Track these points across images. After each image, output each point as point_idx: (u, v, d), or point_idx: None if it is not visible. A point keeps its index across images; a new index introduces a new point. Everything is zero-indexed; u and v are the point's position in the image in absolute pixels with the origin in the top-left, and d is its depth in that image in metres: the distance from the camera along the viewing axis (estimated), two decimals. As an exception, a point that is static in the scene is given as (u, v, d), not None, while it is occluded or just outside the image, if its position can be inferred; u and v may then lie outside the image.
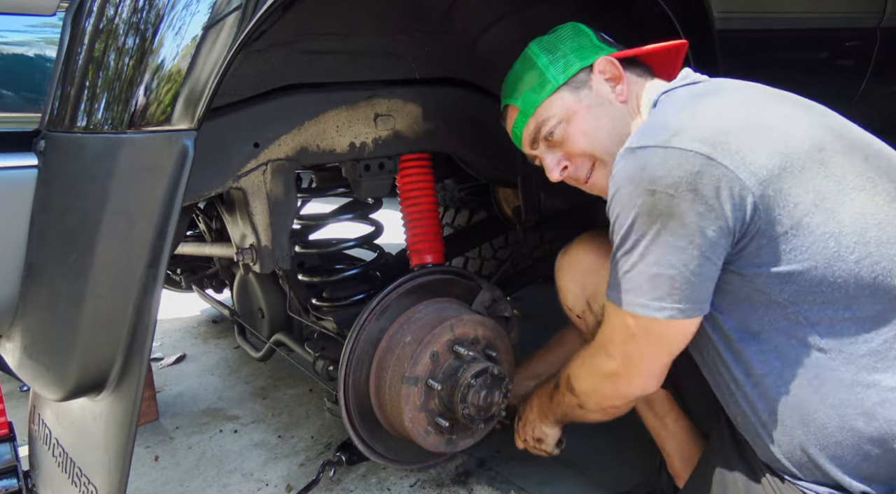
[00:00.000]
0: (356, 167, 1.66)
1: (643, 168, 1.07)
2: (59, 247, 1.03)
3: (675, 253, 1.07)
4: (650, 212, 1.07)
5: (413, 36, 1.63)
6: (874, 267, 1.06)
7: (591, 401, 1.36)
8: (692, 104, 1.16)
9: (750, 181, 1.04)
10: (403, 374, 1.59)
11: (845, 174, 1.08)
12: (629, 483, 1.84)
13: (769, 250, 1.07)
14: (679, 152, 1.04)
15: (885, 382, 1.06)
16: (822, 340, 1.08)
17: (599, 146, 1.30)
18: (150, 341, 1.08)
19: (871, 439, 1.07)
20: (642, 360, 1.21)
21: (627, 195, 1.09)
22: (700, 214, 1.04)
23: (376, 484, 1.94)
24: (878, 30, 2.14)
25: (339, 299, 1.95)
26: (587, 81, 1.31)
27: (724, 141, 1.05)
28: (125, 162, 1.00)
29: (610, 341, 1.24)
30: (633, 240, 1.11)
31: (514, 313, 1.89)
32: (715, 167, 1.03)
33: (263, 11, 1.03)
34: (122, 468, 1.12)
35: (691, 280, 1.08)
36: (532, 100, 1.34)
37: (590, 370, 1.32)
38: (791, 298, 1.08)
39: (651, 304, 1.11)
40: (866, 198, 1.08)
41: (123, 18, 0.98)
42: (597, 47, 1.33)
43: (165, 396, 2.57)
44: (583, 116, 1.31)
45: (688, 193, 1.04)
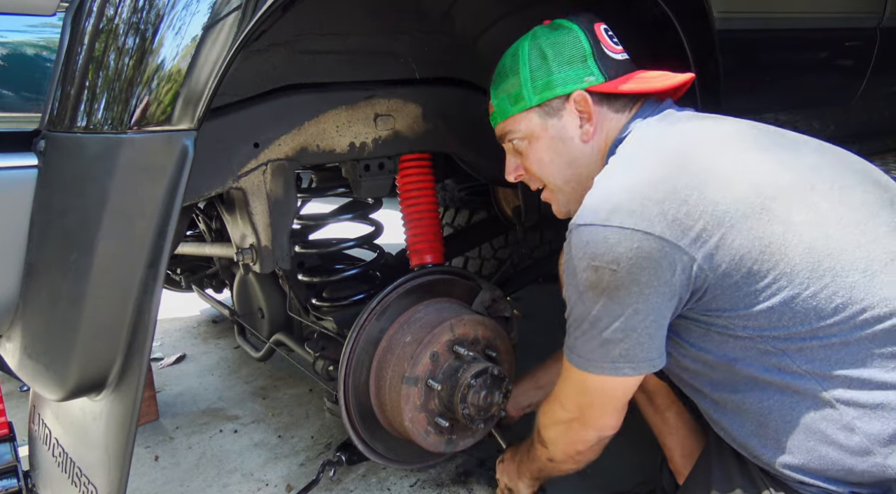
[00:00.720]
0: (356, 167, 1.66)
1: (586, 245, 1.12)
2: (59, 247, 1.03)
3: (624, 320, 1.12)
4: (595, 287, 1.12)
5: (413, 36, 1.63)
6: (832, 298, 1.06)
7: (557, 450, 1.42)
8: (630, 171, 1.16)
9: (690, 248, 1.07)
10: (403, 374, 1.59)
11: (790, 213, 1.08)
12: (629, 483, 1.84)
13: (724, 298, 1.10)
14: (617, 230, 1.08)
15: (863, 399, 1.07)
16: (795, 364, 1.10)
17: (549, 177, 1.36)
18: (150, 341, 1.08)
19: (853, 452, 1.08)
20: (594, 411, 1.28)
21: (573, 269, 1.15)
22: (643, 284, 1.09)
23: (376, 484, 1.94)
24: (878, 30, 2.14)
25: (339, 299, 1.95)
26: (560, 109, 1.30)
27: (659, 212, 1.07)
28: (125, 162, 0.99)
29: (564, 395, 1.32)
30: (581, 310, 1.17)
31: (514, 313, 1.89)
32: (654, 240, 1.07)
33: (263, 11, 1.03)
34: (122, 468, 1.12)
35: (640, 342, 1.14)
36: (504, 108, 1.36)
37: (551, 420, 1.40)
38: (756, 333, 1.11)
39: (604, 366, 1.18)
40: (816, 232, 1.08)
41: (123, 18, 0.98)
42: (586, 70, 1.28)
43: (165, 396, 2.57)
44: (543, 145, 1.33)
45: (630, 267, 1.08)
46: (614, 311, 1.12)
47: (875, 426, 1.07)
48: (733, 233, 1.07)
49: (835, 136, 2.27)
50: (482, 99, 1.76)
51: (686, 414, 1.55)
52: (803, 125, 2.17)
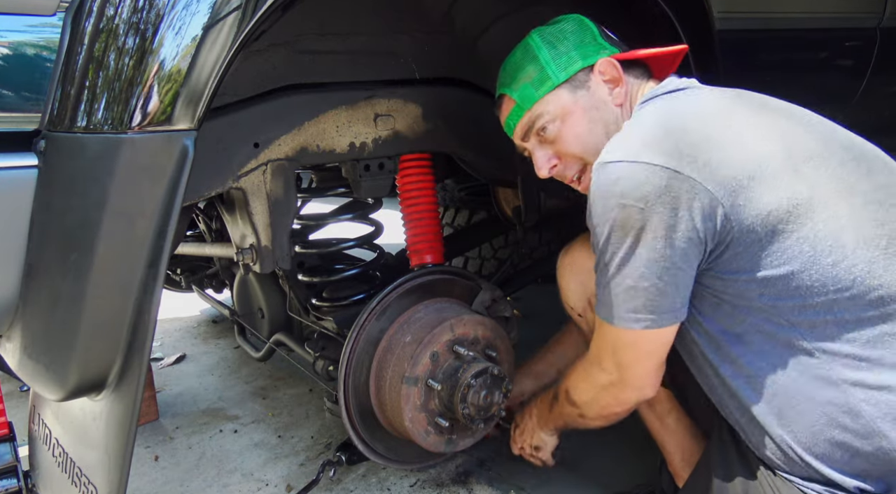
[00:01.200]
0: (356, 167, 1.66)
1: (614, 182, 1.10)
2: (59, 247, 1.03)
3: (648, 264, 1.10)
4: (622, 226, 1.10)
5: (413, 36, 1.63)
6: (851, 269, 1.06)
7: (591, 411, 1.39)
8: (664, 115, 1.16)
9: (719, 192, 1.06)
10: (403, 374, 1.59)
11: (819, 178, 1.09)
12: (629, 483, 1.84)
13: (745, 257, 1.09)
14: (647, 167, 1.07)
15: (870, 380, 1.07)
16: (805, 341, 1.10)
17: (590, 150, 1.30)
18: (150, 341, 1.08)
19: (858, 436, 1.08)
20: (634, 369, 1.25)
21: (601, 209, 1.13)
22: (670, 226, 1.07)
23: (376, 484, 1.94)
24: (878, 30, 2.14)
25: (339, 299, 1.95)
26: (586, 81, 1.30)
27: (692, 154, 1.07)
28: (125, 162, 0.99)
29: (600, 353, 1.29)
30: (609, 253, 1.14)
31: (514, 313, 1.89)
32: (682, 180, 1.06)
33: (263, 11, 1.03)
34: (122, 468, 1.12)
35: (665, 290, 1.12)
36: (529, 94, 1.33)
37: (587, 382, 1.36)
38: (770, 302, 1.10)
39: (627, 316, 1.16)
40: (841, 202, 1.08)
41: (123, 18, 0.98)
42: (599, 45, 1.31)
43: (165, 396, 2.57)
44: (577, 118, 1.31)
45: (657, 206, 1.06)
46: (640, 254, 1.10)
47: (881, 409, 1.06)
48: (763, 187, 1.06)
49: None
50: (482, 99, 1.76)
51: (686, 420, 1.55)
52: (803, 125, 2.17)
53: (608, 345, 1.26)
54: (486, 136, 1.79)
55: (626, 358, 1.24)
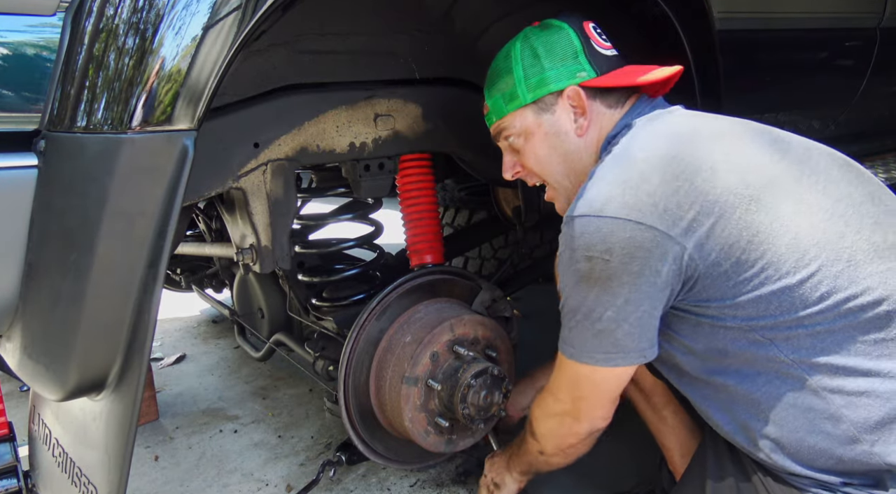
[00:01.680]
0: (356, 167, 1.66)
1: (580, 236, 1.14)
2: (59, 247, 1.03)
3: (616, 310, 1.14)
4: (588, 276, 1.14)
5: (413, 36, 1.63)
6: (818, 287, 1.08)
7: (549, 444, 1.43)
8: (623, 165, 1.18)
9: (681, 238, 1.09)
10: (403, 374, 1.59)
11: (777, 204, 1.11)
12: (629, 483, 1.84)
13: (714, 288, 1.12)
14: (610, 221, 1.11)
15: (849, 387, 1.09)
16: (783, 354, 1.12)
17: (547, 172, 1.39)
18: (150, 341, 1.08)
19: (840, 442, 1.10)
20: (587, 401, 1.30)
21: (567, 259, 1.18)
22: (635, 273, 1.11)
23: (376, 484, 1.94)
24: (878, 30, 2.14)
25: (339, 299, 1.95)
26: (553, 105, 1.33)
27: (651, 202, 1.10)
28: (125, 162, 0.99)
29: (558, 387, 1.33)
30: (575, 301, 1.19)
31: (514, 313, 1.89)
32: (645, 230, 1.09)
33: (263, 11, 1.03)
34: (122, 468, 1.12)
35: (632, 332, 1.16)
36: (499, 107, 1.39)
37: (544, 412, 1.41)
38: (744, 323, 1.13)
39: (597, 357, 1.20)
40: (802, 222, 1.10)
41: (123, 18, 0.98)
42: (578, 67, 1.31)
43: (165, 396, 2.57)
44: (538, 140, 1.36)
45: (623, 256, 1.10)
46: (607, 301, 1.14)
47: (861, 414, 1.09)
48: (723, 222, 1.09)
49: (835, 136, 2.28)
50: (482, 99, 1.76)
51: (683, 413, 1.56)
52: (803, 125, 2.17)
53: (567, 380, 1.30)
54: (486, 136, 1.78)
55: (582, 391, 1.28)
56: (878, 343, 1.09)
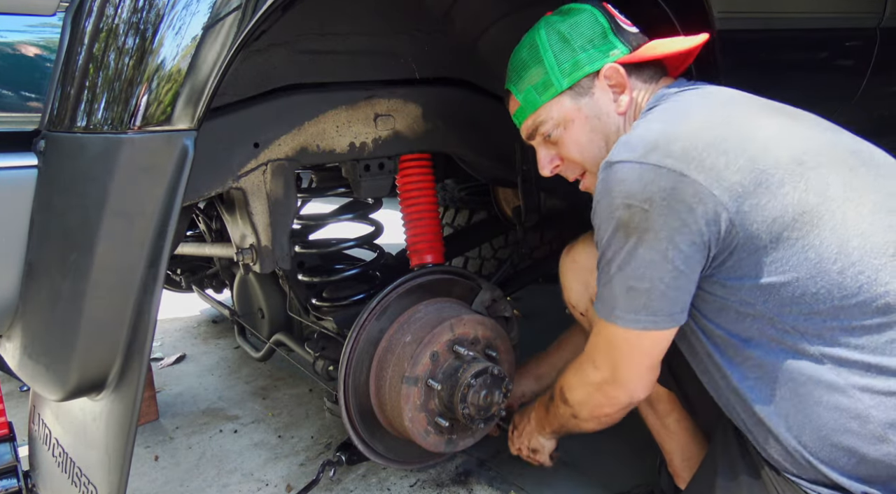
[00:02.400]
0: (356, 167, 1.66)
1: (620, 182, 1.10)
2: (59, 247, 1.03)
3: (650, 266, 1.10)
4: (626, 226, 1.10)
5: (413, 36, 1.63)
6: (858, 277, 1.06)
7: (584, 411, 1.39)
8: (673, 117, 1.16)
9: (724, 198, 1.06)
10: (403, 374, 1.59)
11: (828, 186, 1.08)
12: (629, 483, 1.84)
13: (749, 263, 1.09)
14: (654, 168, 1.07)
15: (878, 386, 1.06)
16: (813, 347, 1.09)
17: (589, 158, 1.33)
18: (150, 341, 1.08)
19: (865, 441, 1.07)
20: (626, 368, 1.25)
21: (606, 208, 1.13)
22: (674, 229, 1.07)
23: (376, 484, 1.94)
24: (878, 30, 2.14)
25: (339, 299, 1.95)
26: (590, 88, 1.29)
27: (699, 157, 1.06)
28: (125, 162, 0.99)
29: (596, 351, 1.29)
30: (611, 252, 1.14)
31: (514, 313, 1.89)
32: (689, 184, 1.06)
33: (263, 11, 1.03)
34: (122, 468, 1.12)
35: (666, 293, 1.12)
36: (533, 99, 1.33)
37: (580, 380, 1.36)
38: (776, 309, 1.10)
39: (626, 316, 1.16)
40: (850, 209, 1.08)
41: (123, 18, 0.98)
42: (609, 44, 1.28)
43: (165, 396, 2.57)
44: (579, 126, 1.31)
45: (662, 208, 1.07)
46: (642, 255, 1.10)
47: (890, 414, 1.06)
48: (769, 194, 1.06)
49: (835, 136, 2.27)
50: (482, 99, 1.76)
51: (686, 421, 1.54)
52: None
53: (604, 343, 1.26)
54: (486, 136, 1.79)
55: (620, 356, 1.24)
56: None
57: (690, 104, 1.19)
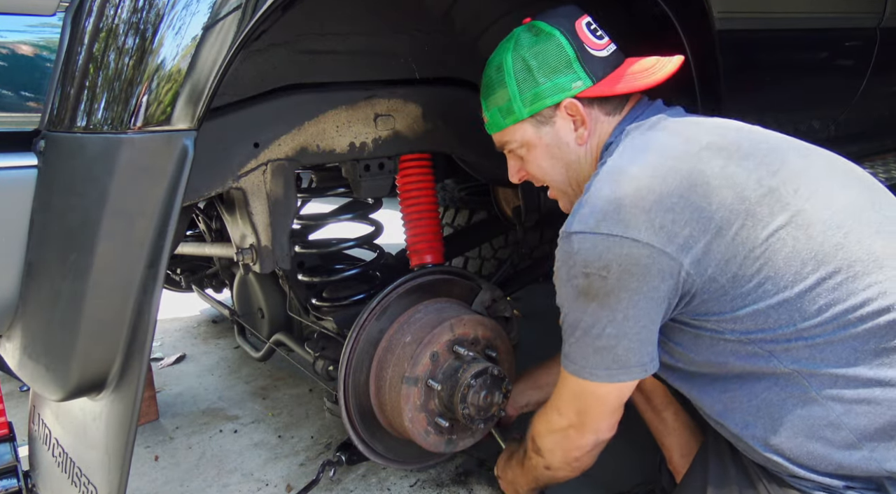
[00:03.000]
0: (356, 167, 1.66)
1: (577, 253, 1.14)
2: (59, 247, 1.03)
3: (614, 325, 1.14)
4: (587, 292, 1.14)
5: (413, 36, 1.63)
6: (816, 299, 1.08)
7: (554, 458, 1.42)
8: (617, 180, 1.16)
9: (677, 253, 1.09)
10: (403, 374, 1.59)
11: (774, 217, 1.10)
12: (629, 483, 1.84)
13: (712, 302, 1.13)
14: (606, 238, 1.11)
15: (848, 395, 1.09)
16: (783, 365, 1.12)
17: (550, 180, 1.40)
18: (150, 341, 1.08)
19: (839, 448, 1.10)
20: (591, 414, 1.29)
21: (565, 275, 1.18)
22: (633, 290, 1.11)
23: (376, 484, 1.94)
24: (878, 30, 2.14)
25: (339, 299, 1.95)
26: (552, 117, 1.32)
27: (646, 220, 1.10)
28: (125, 162, 0.99)
29: (562, 402, 1.33)
30: (574, 316, 1.19)
31: (514, 313, 1.88)
32: (641, 247, 1.09)
33: (263, 11, 1.03)
34: (122, 468, 1.12)
35: (631, 347, 1.16)
36: (497, 121, 1.38)
37: (547, 428, 1.40)
38: (743, 336, 1.13)
39: (598, 373, 1.20)
40: (799, 235, 1.10)
41: (123, 18, 0.98)
42: (573, 76, 1.28)
43: (165, 396, 2.57)
44: (540, 153, 1.36)
45: (620, 273, 1.11)
46: (605, 317, 1.14)
47: (861, 421, 1.09)
48: (718, 239, 1.09)
49: (835, 136, 2.28)
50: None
51: (683, 414, 1.56)
52: (803, 125, 2.17)
53: (569, 393, 1.30)
54: (486, 136, 1.78)
55: (586, 405, 1.28)
56: (879, 352, 1.08)
57: (634, 157, 1.19)
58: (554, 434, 1.38)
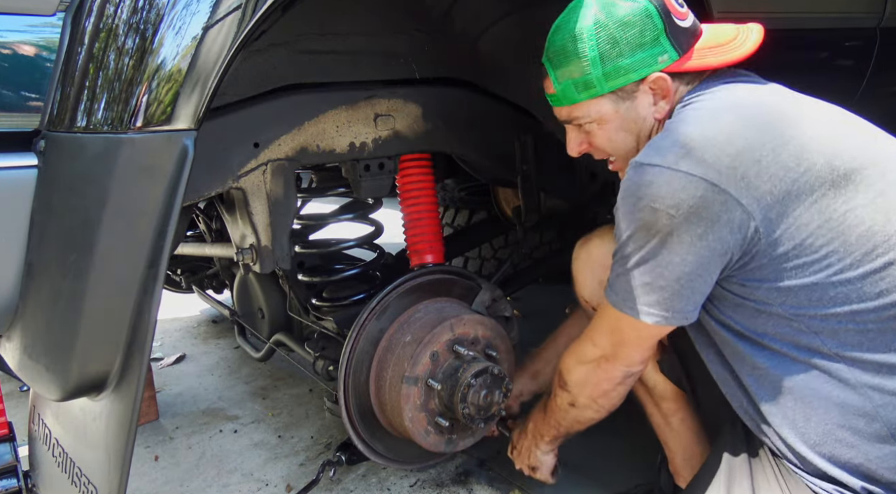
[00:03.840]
0: (356, 167, 1.66)
1: (648, 185, 1.09)
2: (59, 247, 1.03)
3: (670, 267, 1.11)
4: (650, 228, 1.10)
5: (413, 36, 1.63)
6: (878, 283, 1.06)
7: (582, 394, 1.39)
8: (707, 119, 1.13)
9: (752, 207, 1.06)
10: (403, 374, 1.59)
11: (857, 192, 1.08)
12: (629, 483, 1.84)
13: (769, 268, 1.09)
14: (684, 176, 1.06)
15: (889, 386, 1.07)
16: (826, 346, 1.09)
17: (620, 152, 1.32)
18: (150, 341, 1.08)
19: (869, 440, 1.08)
20: (626, 348, 1.27)
21: (630, 206, 1.12)
22: (698, 235, 1.07)
23: (376, 484, 1.94)
24: (878, 30, 2.14)
25: (339, 299, 1.95)
26: (633, 92, 1.24)
27: (730, 165, 1.06)
28: (125, 162, 0.99)
29: (596, 331, 1.31)
30: (631, 248, 1.14)
31: (514, 313, 1.89)
32: (718, 193, 1.05)
33: (263, 12, 1.03)
34: (122, 468, 1.12)
35: (682, 292, 1.13)
36: (571, 95, 1.26)
37: (577, 359, 1.37)
38: (792, 310, 1.10)
39: (640, 309, 1.16)
40: (878, 215, 1.07)
41: (123, 18, 0.98)
42: (660, 49, 1.20)
43: (165, 396, 2.57)
44: (614, 126, 1.28)
45: (689, 215, 1.06)
46: (663, 257, 1.10)
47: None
48: (797, 202, 1.06)
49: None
50: (482, 99, 1.76)
51: (691, 421, 1.54)
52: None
53: (607, 326, 1.27)
54: (486, 136, 1.79)
55: (621, 340, 1.25)
56: None
57: (725, 104, 1.17)
58: (585, 364, 1.34)
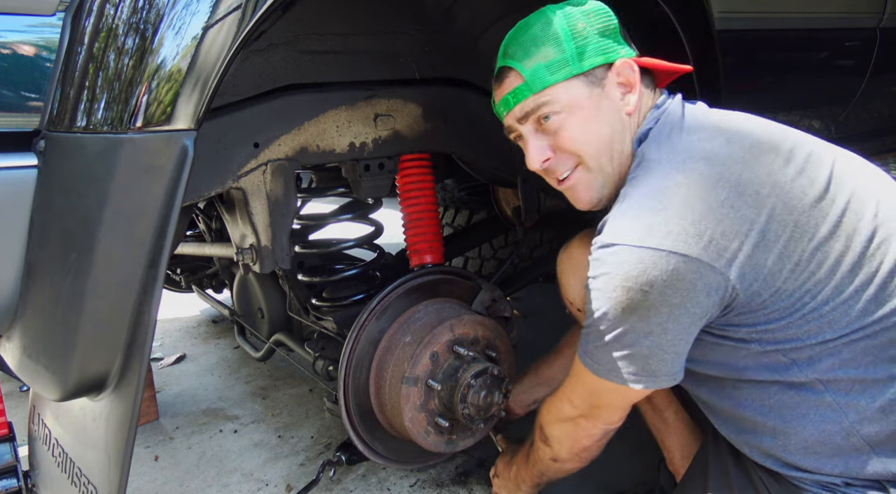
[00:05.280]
0: (356, 167, 1.66)
1: (619, 265, 1.07)
2: (59, 247, 1.03)
3: (651, 337, 1.10)
4: (625, 307, 1.08)
5: (413, 36, 1.63)
6: (848, 311, 1.07)
7: (562, 448, 1.40)
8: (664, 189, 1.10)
9: (725, 269, 1.04)
10: (403, 374, 1.59)
11: (818, 229, 1.07)
12: (629, 483, 1.84)
13: (748, 315, 1.10)
14: (653, 252, 1.04)
15: (863, 402, 1.09)
16: (803, 372, 1.11)
17: (590, 151, 1.23)
18: (150, 341, 1.08)
19: (848, 453, 1.10)
20: (606, 409, 1.27)
21: (602, 286, 1.11)
22: (676, 305, 1.06)
23: (376, 484, 1.94)
24: (878, 30, 2.14)
25: (339, 299, 1.95)
26: (603, 79, 1.21)
27: (696, 234, 1.04)
28: (125, 162, 0.99)
29: (574, 392, 1.31)
30: (606, 325, 1.13)
31: (514, 313, 1.89)
32: (689, 262, 1.03)
33: (263, 11, 1.03)
34: (122, 468, 1.12)
35: (665, 358, 1.12)
36: (542, 77, 1.20)
37: (556, 417, 1.38)
38: (770, 346, 1.12)
39: (626, 377, 1.15)
40: (840, 246, 1.08)
41: (123, 18, 0.98)
42: (620, 42, 1.23)
43: (165, 396, 2.57)
44: (585, 116, 1.21)
45: (664, 289, 1.05)
46: (642, 330, 1.10)
47: (874, 428, 1.09)
48: (766, 252, 1.05)
49: (835, 136, 2.28)
50: (482, 99, 1.76)
51: (685, 414, 1.56)
52: (803, 125, 2.17)
53: (586, 388, 1.26)
54: (486, 136, 1.79)
55: (602, 401, 1.26)
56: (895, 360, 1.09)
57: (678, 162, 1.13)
58: (564, 423, 1.35)
